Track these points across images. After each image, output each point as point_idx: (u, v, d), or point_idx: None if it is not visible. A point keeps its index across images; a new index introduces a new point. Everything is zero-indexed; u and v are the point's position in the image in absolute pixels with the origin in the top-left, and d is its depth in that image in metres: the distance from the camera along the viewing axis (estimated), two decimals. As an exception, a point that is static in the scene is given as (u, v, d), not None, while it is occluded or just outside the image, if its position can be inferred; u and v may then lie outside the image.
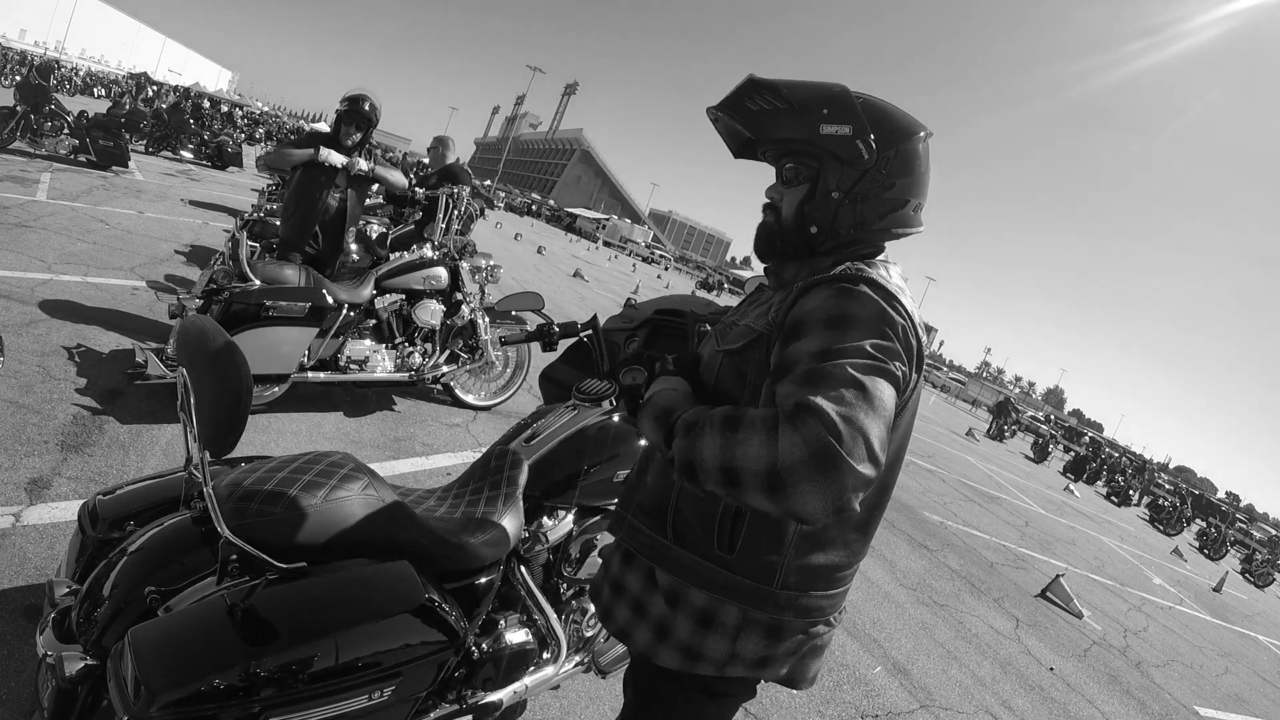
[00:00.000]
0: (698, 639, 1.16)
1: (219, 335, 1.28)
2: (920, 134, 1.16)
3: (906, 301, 1.08)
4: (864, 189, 1.13)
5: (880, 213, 1.15)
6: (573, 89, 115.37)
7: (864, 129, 1.11)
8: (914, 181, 1.16)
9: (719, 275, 52.45)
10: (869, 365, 0.95)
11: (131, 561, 1.30)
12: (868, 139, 1.11)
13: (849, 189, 1.13)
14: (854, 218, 1.14)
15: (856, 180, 1.13)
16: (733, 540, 1.14)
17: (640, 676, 1.31)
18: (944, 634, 4.34)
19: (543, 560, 1.91)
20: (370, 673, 1.28)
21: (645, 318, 2.39)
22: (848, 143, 1.11)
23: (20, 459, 2.63)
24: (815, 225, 1.16)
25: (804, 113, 1.12)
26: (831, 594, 1.20)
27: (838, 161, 1.13)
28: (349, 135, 4.25)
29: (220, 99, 26.68)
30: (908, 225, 1.18)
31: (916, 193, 1.17)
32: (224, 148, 15.25)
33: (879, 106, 1.16)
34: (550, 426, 1.96)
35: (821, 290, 1.06)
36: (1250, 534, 22.80)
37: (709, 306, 2.37)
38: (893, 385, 0.97)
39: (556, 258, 21.40)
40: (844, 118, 1.11)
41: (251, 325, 3.44)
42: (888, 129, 1.13)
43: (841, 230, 1.15)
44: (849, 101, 1.13)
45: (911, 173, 1.15)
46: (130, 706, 1.06)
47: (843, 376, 0.92)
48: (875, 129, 1.12)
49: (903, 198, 1.16)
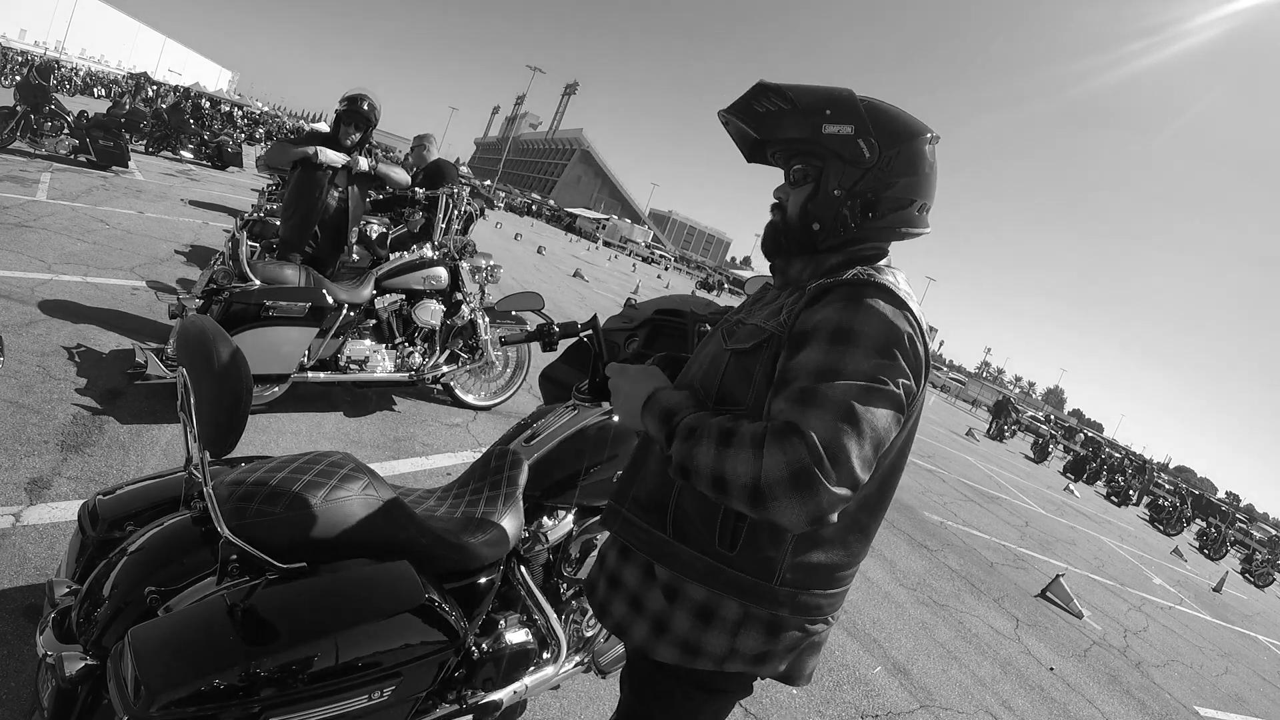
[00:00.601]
0: (697, 633, 1.17)
1: (219, 335, 1.28)
2: (925, 135, 1.18)
3: (915, 308, 1.10)
4: (866, 187, 1.15)
5: (882, 211, 1.16)
6: (573, 89, 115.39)
7: (866, 129, 1.14)
8: (917, 181, 1.17)
9: (719, 275, 52.45)
10: (866, 389, 0.98)
11: (131, 561, 1.30)
12: (869, 138, 1.13)
13: (851, 187, 1.15)
14: (856, 215, 1.16)
15: (859, 179, 1.15)
16: (734, 537, 1.14)
17: (636, 672, 1.31)
18: (944, 634, 4.34)
19: (543, 560, 1.91)
20: (370, 673, 1.28)
21: (645, 318, 2.39)
22: (850, 142, 1.14)
23: (20, 459, 2.63)
24: (818, 222, 1.18)
25: (808, 113, 1.15)
26: (830, 593, 1.20)
27: (840, 160, 1.15)
28: (348, 135, 4.24)
29: (220, 99, 26.67)
30: (912, 225, 1.19)
31: (921, 193, 1.18)
32: (224, 148, 15.25)
33: (883, 108, 1.18)
34: (550, 426, 1.96)
35: (832, 299, 1.08)
36: (1250, 534, 22.80)
37: (709, 306, 2.37)
38: (891, 405, 1.00)
39: (556, 258, 21.41)
40: (846, 118, 1.14)
41: (251, 325, 3.44)
42: (890, 129, 1.15)
43: (844, 228, 1.17)
44: (852, 102, 1.16)
45: (914, 173, 1.16)
46: (130, 706, 1.06)
47: (836, 400, 0.96)
48: (877, 129, 1.14)
49: (906, 197, 1.17)
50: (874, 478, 1.13)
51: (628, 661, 1.35)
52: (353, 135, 4.25)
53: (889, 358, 1.02)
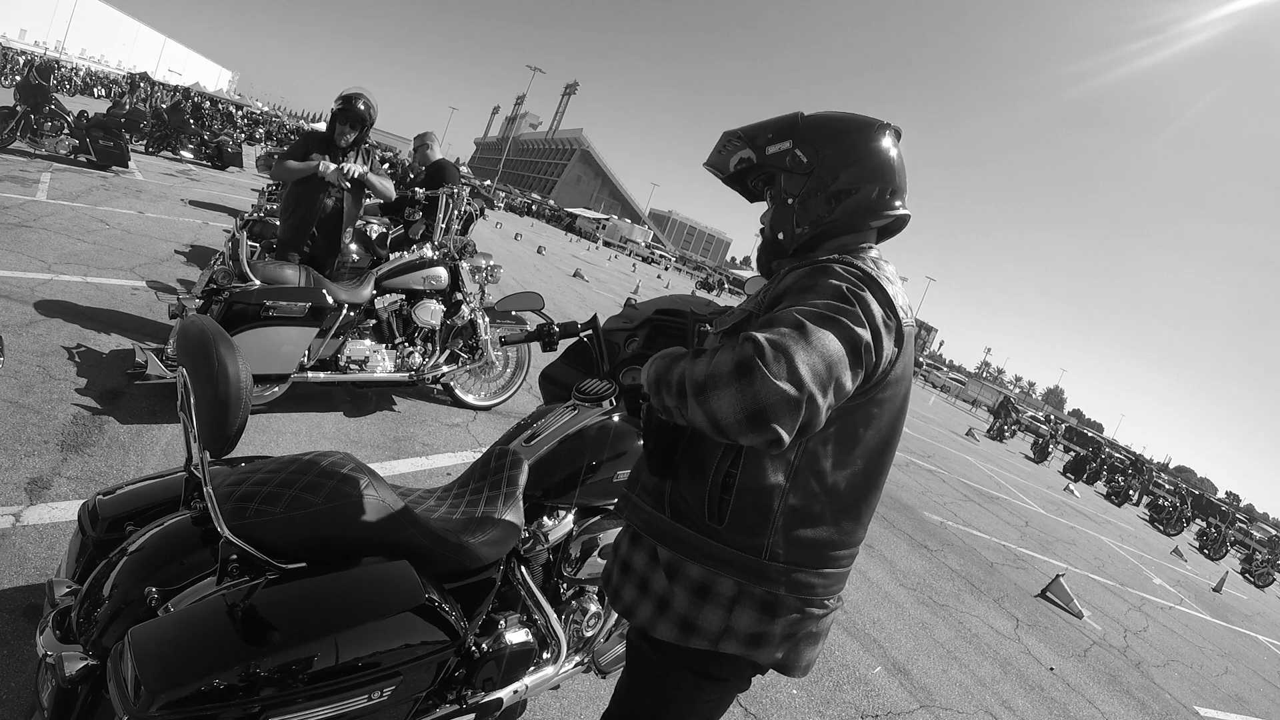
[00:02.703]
0: (694, 610, 1.20)
1: (219, 335, 1.28)
2: (868, 128, 1.27)
3: (884, 282, 1.14)
4: (813, 187, 1.25)
5: (830, 206, 1.24)
6: (573, 89, 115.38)
7: (802, 138, 1.26)
8: (861, 170, 1.24)
9: (719, 275, 52.45)
10: (815, 314, 1.02)
11: (131, 561, 1.30)
12: (805, 145, 1.25)
13: (800, 193, 1.26)
14: (808, 215, 1.26)
15: (804, 183, 1.26)
16: (721, 509, 1.19)
17: (634, 654, 1.34)
18: (944, 634, 4.34)
19: (543, 560, 1.91)
20: (370, 673, 1.28)
21: (645, 318, 2.39)
22: (787, 154, 1.27)
23: (20, 459, 2.63)
24: (781, 231, 1.30)
25: (755, 141, 1.30)
26: (824, 573, 1.22)
27: (786, 172, 1.28)
28: (343, 135, 4.25)
29: (220, 99, 26.66)
30: (876, 210, 1.26)
31: (871, 179, 1.24)
32: (224, 148, 15.25)
33: (821, 117, 1.29)
34: (550, 426, 1.96)
35: (800, 269, 1.17)
36: (1250, 534, 22.78)
37: (709, 306, 2.37)
38: (839, 336, 1.01)
39: (556, 258, 21.41)
40: (784, 135, 1.27)
41: (251, 325, 3.44)
42: (824, 132, 1.26)
43: (801, 229, 1.27)
44: (791, 120, 1.29)
45: (853, 162, 1.24)
46: (130, 706, 1.06)
47: (786, 318, 1.01)
48: (812, 135, 1.25)
49: (853, 186, 1.24)
50: (859, 452, 1.17)
51: (628, 645, 1.38)
52: (348, 135, 4.26)
53: (843, 300, 1.06)
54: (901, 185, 1.28)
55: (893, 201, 1.27)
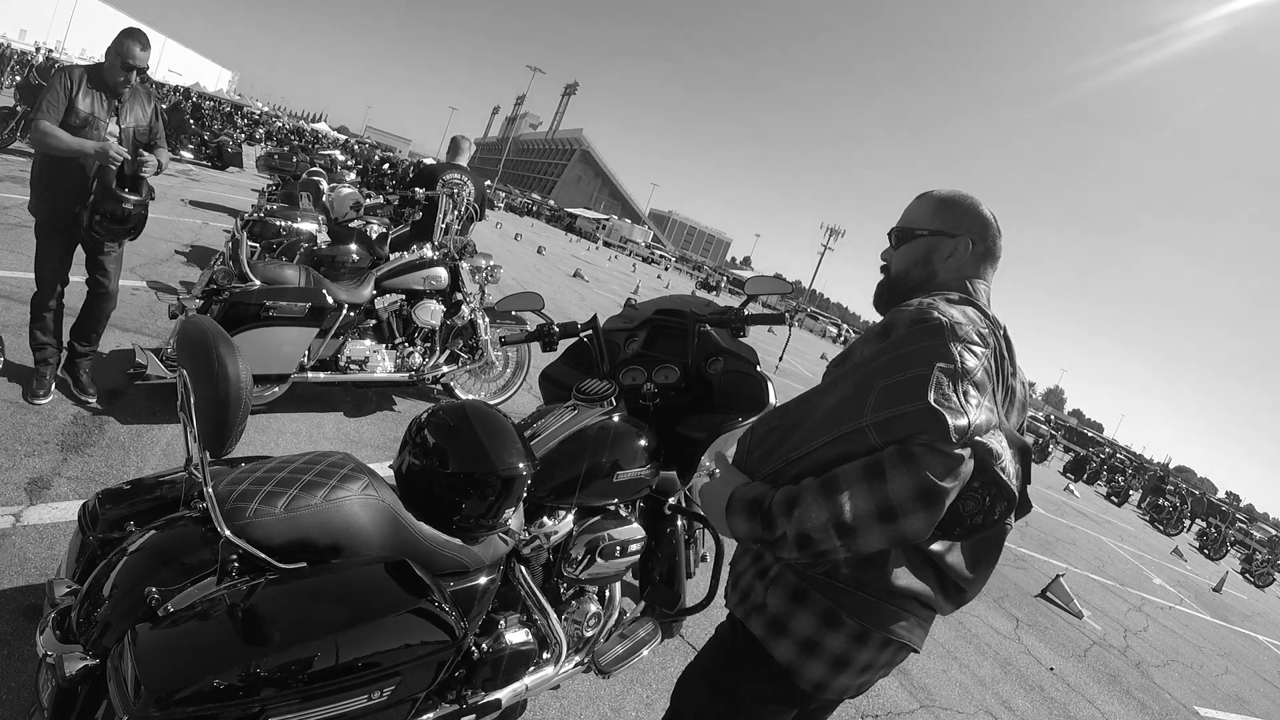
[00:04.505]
0: (788, 612, 1.25)
1: (219, 335, 1.28)
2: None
3: (966, 327, 1.16)
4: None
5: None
6: (573, 89, 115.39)
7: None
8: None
9: (719, 275, 52.45)
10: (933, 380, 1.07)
11: (131, 561, 1.30)
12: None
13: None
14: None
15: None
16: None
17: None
18: (944, 634, 4.34)
19: (543, 560, 1.91)
20: (370, 673, 1.28)
21: (645, 318, 2.39)
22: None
23: (20, 459, 2.63)
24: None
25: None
26: (878, 601, 1.23)
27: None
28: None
29: (220, 99, 26.65)
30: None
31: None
32: (224, 148, 15.26)
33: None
34: (550, 426, 1.96)
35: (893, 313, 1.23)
36: (1250, 534, 22.78)
37: (709, 306, 2.37)
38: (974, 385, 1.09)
39: (556, 258, 21.41)
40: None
41: (251, 325, 3.44)
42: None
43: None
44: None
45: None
46: (130, 706, 1.06)
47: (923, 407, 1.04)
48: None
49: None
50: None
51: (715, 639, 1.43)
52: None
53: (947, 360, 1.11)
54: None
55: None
